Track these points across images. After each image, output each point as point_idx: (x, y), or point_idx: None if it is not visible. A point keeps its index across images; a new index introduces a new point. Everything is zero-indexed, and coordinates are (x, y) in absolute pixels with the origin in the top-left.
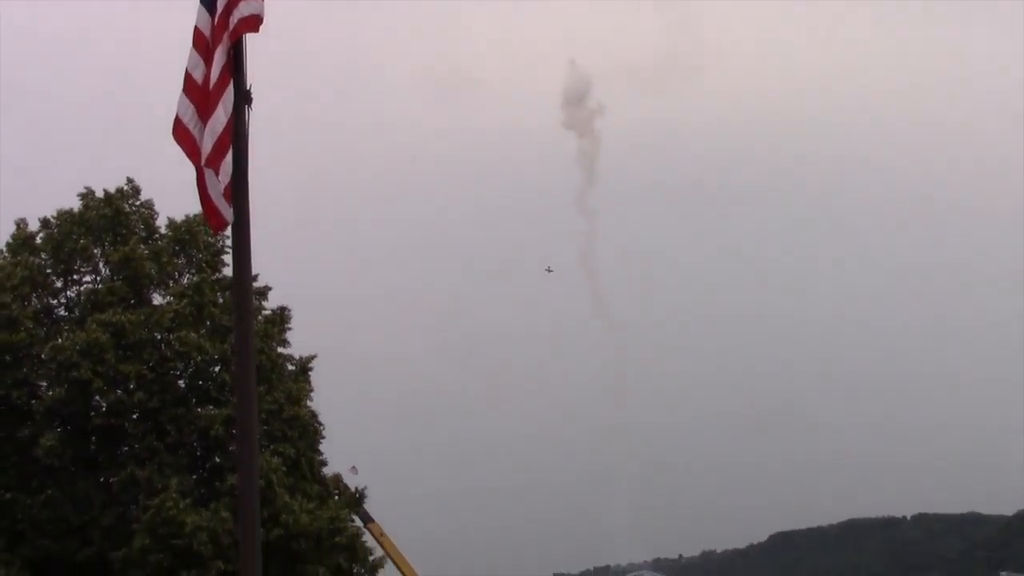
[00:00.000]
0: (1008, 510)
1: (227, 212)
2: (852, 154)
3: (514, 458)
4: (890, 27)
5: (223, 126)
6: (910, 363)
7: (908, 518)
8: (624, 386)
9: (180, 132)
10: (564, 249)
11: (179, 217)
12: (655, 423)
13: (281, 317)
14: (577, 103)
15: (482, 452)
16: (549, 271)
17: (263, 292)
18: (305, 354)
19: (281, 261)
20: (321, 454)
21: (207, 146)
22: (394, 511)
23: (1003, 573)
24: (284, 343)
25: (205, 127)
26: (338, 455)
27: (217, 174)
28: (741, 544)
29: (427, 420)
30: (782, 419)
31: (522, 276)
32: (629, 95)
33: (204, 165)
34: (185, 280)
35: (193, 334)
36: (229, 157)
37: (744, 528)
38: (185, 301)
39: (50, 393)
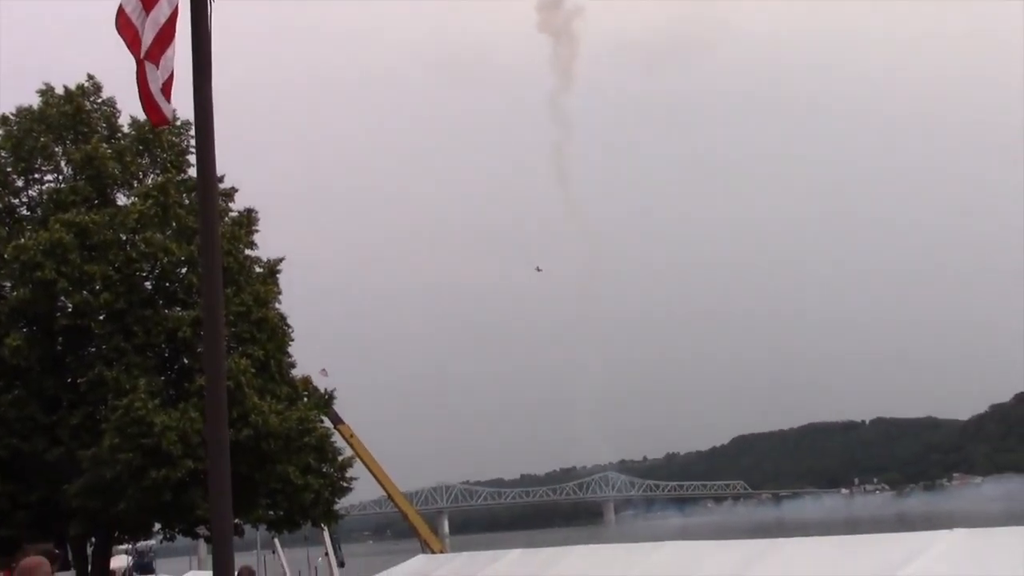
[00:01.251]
0: (963, 415)
1: (167, 108)
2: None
3: (483, 364)
4: None
5: (166, 17)
6: (875, 270)
7: (866, 422)
8: (594, 292)
9: (122, 23)
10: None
11: (142, 116)
12: (622, 327)
13: (248, 219)
14: (553, 5)
15: (452, 358)
16: (539, 270)
17: (229, 194)
18: (273, 256)
19: (250, 163)
20: (290, 356)
21: (148, 38)
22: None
23: (955, 475)
24: (251, 245)
25: (148, 18)
26: (308, 358)
27: (157, 68)
28: (704, 447)
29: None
30: (745, 324)
31: (494, 178)
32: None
33: (143, 58)
34: (150, 180)
35: (159, 235)
36: (171, 51)
37: (707, 432)
38: (150, 202)
39: (14, 293)
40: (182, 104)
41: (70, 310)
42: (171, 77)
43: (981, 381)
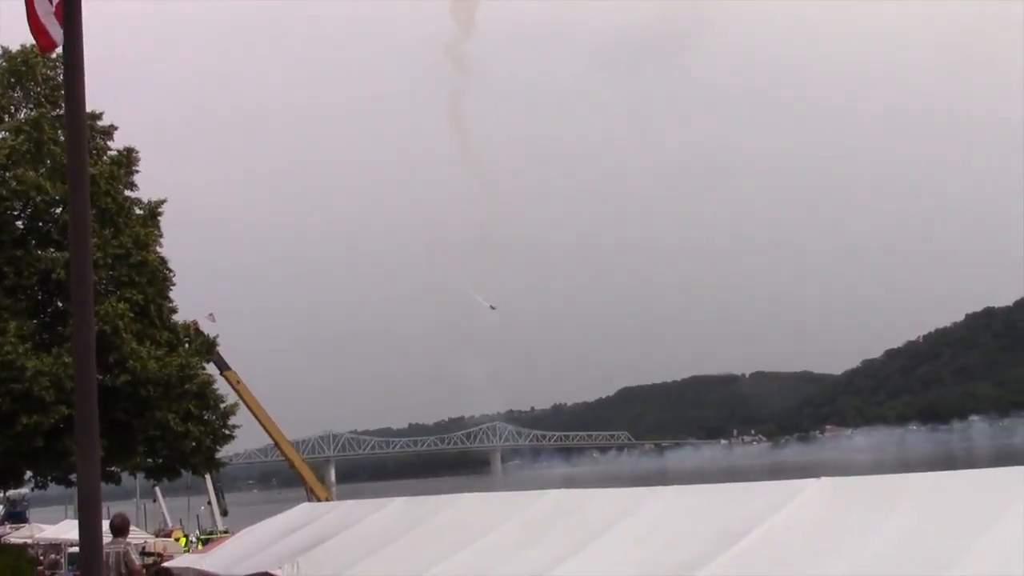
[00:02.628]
0: (836, 370)
1: (56, 33)
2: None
3: (372, 311)
4: None
5: None
6: (757, 232)
7: (746, 376)
8: (487, 241)
9: None
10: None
11: (14, 47)
12: (513, 281)
13: (128, 158)
14: None
15: (340, 304)
16: (492, 308)
17: (108, 132)
18: (155, 198)
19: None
20: (171, 301)
21: None
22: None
23: (828, 427)
24: (132, 186)
25: None
26: (190, 303)
27: None
28: (590, 398)
29: (286, 272)
30: (632, 280)
31: (389, 125)
32: None
33: None
34: (22, 115)
35: (31, 172)
36: None
37: (594, 383)
38: (22, 137)
39: None
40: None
41: None
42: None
43: (854, 338)
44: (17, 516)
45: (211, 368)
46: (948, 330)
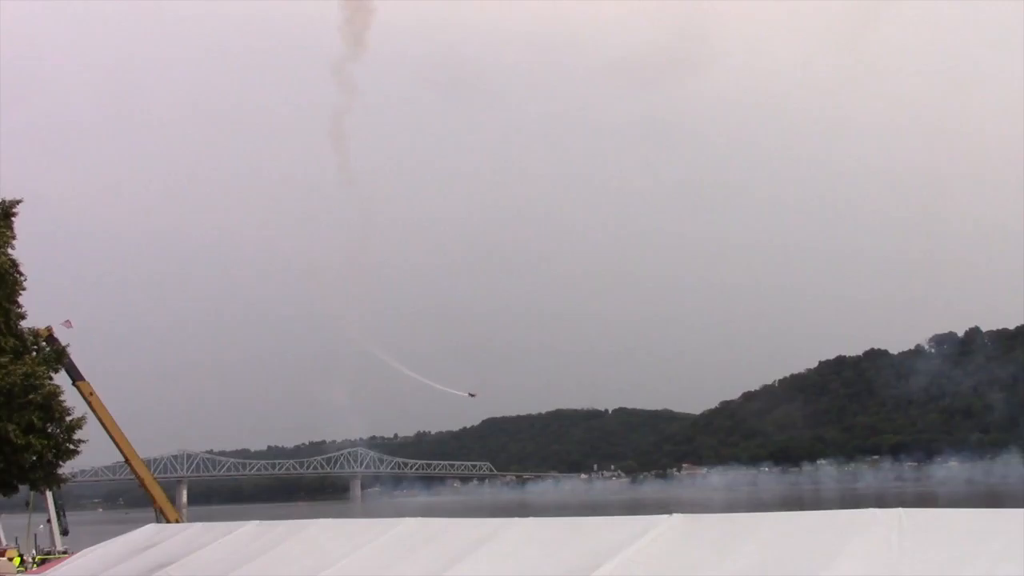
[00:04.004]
0: (696, 409)
1: None
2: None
3: (237, 331)
4: None
5: None
6: (614, 268)
7: (609, 411)
8: (361, 267)
9: None
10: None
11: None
12: (385, 309)
13: None
14: None
15: (204, 324)
16: (472, 396)
17: None
18: (8, 198)
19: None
20: (20, 306)
21: None
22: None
23: (685, 465)
24: None
25: None
26: (43, 309)
27: None
28: (455, 427)
29: (148, 291)
30: (498, 313)
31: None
32: None
33: None
34: None
35: None
36: None
37: (459, 413)
38: None
39: None
40: None
41: None
42: None
43: (714, 379)
44: None
45: (62, 377)
46: (802, 376)
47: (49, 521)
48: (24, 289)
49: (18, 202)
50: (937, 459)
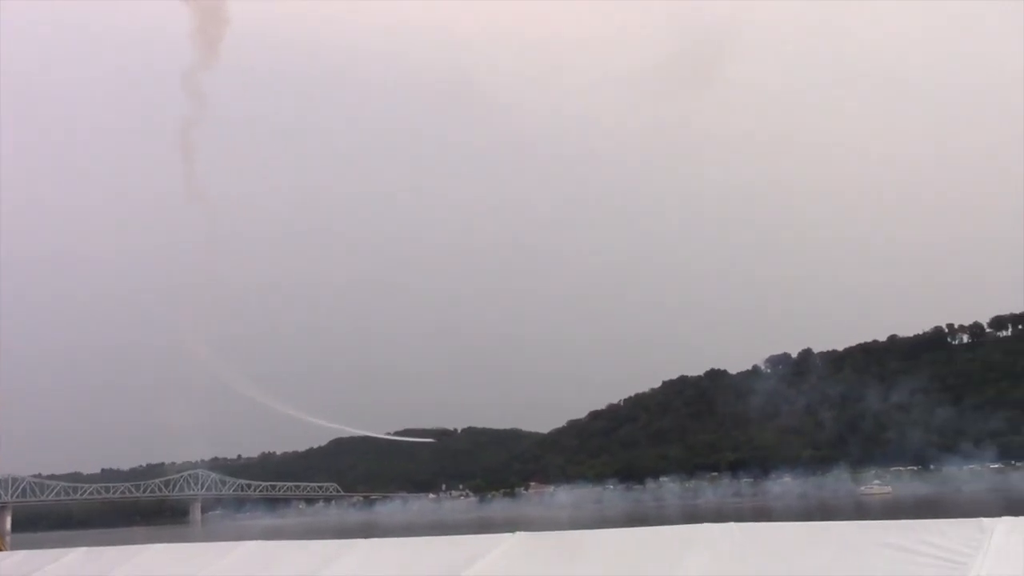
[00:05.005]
0: (543, 428)
1: None
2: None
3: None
4: None
5: None
6: (463, 286)
7: (458, 430)
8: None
9: None
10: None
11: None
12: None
13: None
14: None
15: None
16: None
17: None
18: None
19: None
20: None
21: None
22: None
23: (532, 483)
24: None
25: None
26: None
27: None
28: (301, 448)
29: None
30: (346, 332)
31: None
32: None
33: None
34: None
35: None
36: None
37: (306, 433)
38: None
39: None
40: None
41: None
42: None
43: (561, 399)
44: None
45: None
46: (646, 395)
47: None
48: None
49: None
50: (772, 475)
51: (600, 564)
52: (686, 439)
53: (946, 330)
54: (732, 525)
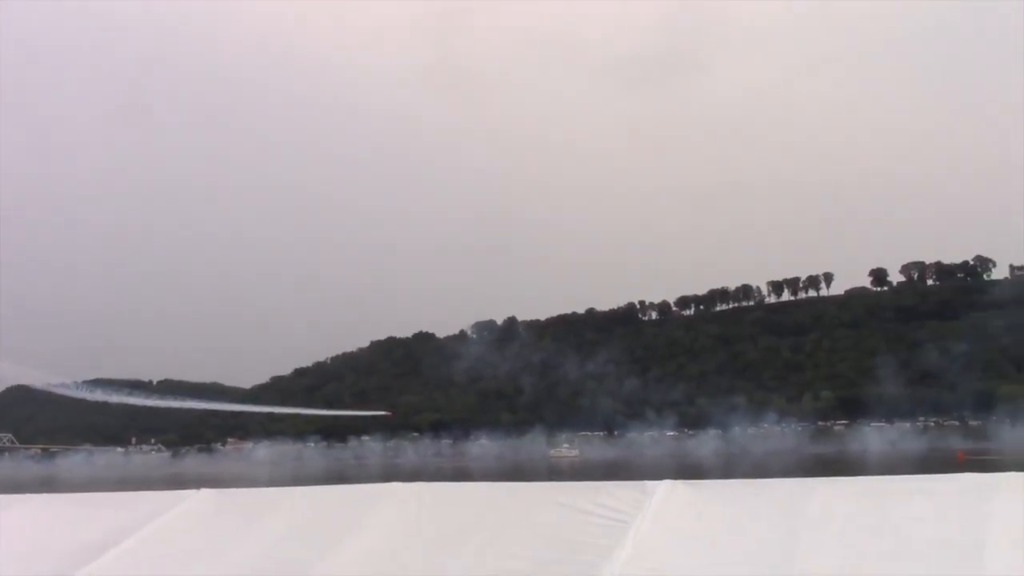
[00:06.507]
0: (246, 384)
1: None
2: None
3: None
4: None
5: None
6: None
7: (154, 382)
8: None
9: None
10: None
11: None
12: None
13: None
14: None
15: None
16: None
17: None
18: None
19: None
20: None
21: None
22: None
23: (231, 439)
24: None
25: None
26: None
27: None
28: None
29: None
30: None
31: None
32: None
33: None
34: None
35: None
36: None
37: None
38: None
39: None
40: None
41: None
42: None
43: (266, 355)
44: None
45: None
46: (354, 355)
47: None
48: None
49: None
50: (472, 437)
51: (286, 522)
52: (391, 399)
53: (638, 307)
54: (421, 484)
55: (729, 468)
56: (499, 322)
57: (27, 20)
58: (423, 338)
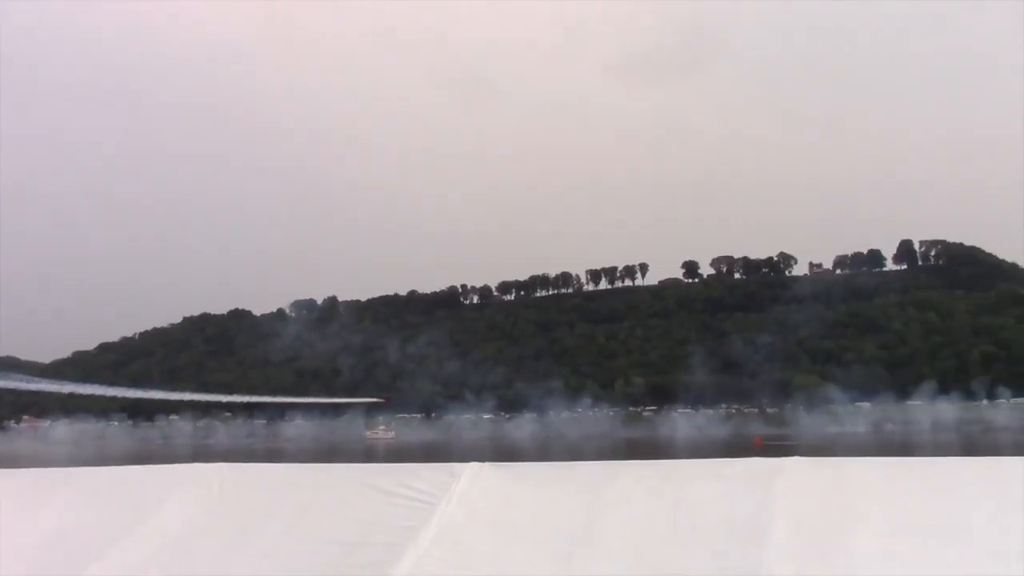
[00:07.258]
0: (45, 359)
1: None
2: None
3: None
4: None
5: None
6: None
7: None
8: None
9: None
10: None
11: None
12: None
13: None
14: None
15: None
16: None
17: None
18: None
19: None
20: None
21: None
22: None
23: (26, 416)
24: None
25: None
26: None
27: None
28: None
29: None
30: None
31: None
32: None
33: None
34: None
35: None
36: None
37: None
38: None
39: None
40: None
41: None
42: None
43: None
44: None
45: None
46: (165, 330)
47: None
48: None
49: None
50: (287, 417)
51: (74, 503)
52: (202, 377)
53: (460, 290)
54: (223, 465)
55: (544, 451)
56: (319, 301)
57: None
58: (239, 315)
